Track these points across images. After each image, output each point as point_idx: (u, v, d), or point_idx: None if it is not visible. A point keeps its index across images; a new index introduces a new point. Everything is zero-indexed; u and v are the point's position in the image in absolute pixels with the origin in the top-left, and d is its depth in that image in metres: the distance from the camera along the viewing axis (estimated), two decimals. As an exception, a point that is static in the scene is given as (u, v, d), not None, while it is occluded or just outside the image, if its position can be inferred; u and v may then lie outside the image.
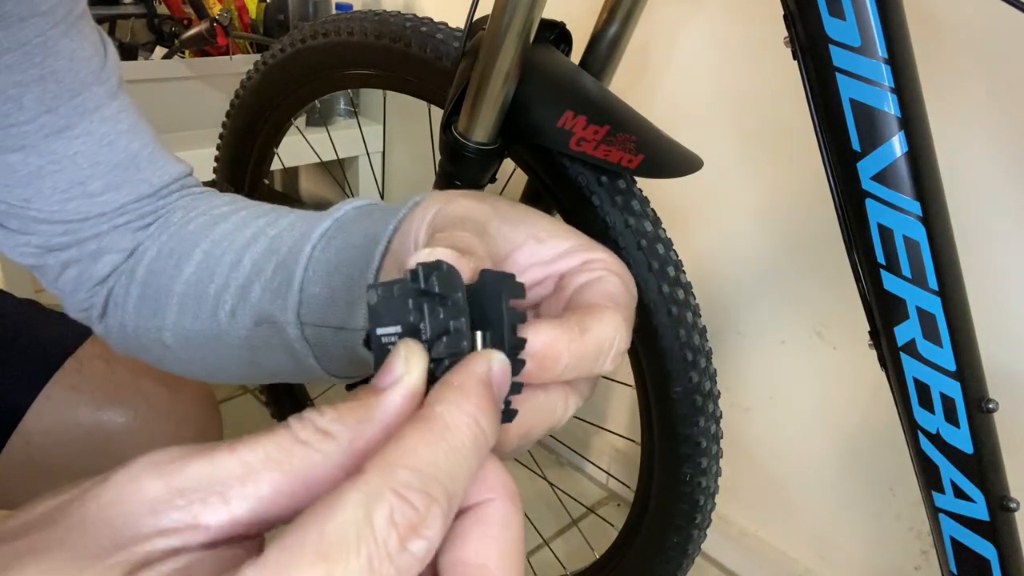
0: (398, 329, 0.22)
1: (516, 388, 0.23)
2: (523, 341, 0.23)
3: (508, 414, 0.23)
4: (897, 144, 0.49)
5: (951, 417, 0.54)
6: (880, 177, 0.50)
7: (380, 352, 0.22)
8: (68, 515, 0.18)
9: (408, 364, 0.21)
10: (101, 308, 0.47)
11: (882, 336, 0.55)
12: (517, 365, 0.23)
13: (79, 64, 0.44)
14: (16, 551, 0.18)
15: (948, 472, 0.55)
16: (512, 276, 0.23)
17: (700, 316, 0.75)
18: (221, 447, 0.19)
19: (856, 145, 0.50)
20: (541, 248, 0.30)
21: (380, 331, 0.22)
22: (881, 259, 0.52)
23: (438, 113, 0.75)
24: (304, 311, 0.38)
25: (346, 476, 0.18)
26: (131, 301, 0.46)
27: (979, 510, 0.55)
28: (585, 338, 0.25)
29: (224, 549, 0.19)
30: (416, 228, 0.31)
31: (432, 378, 0.21)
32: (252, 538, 0.19)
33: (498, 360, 0.22)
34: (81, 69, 0.44)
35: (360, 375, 0.41)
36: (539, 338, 0.24)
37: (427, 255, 0.24)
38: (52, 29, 0.42)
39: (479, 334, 0.22)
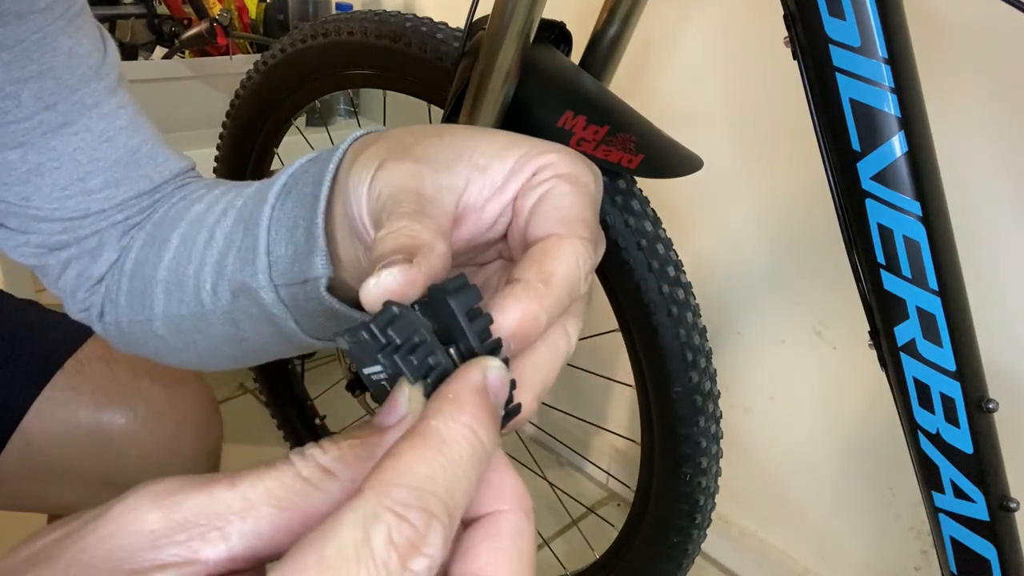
0: (381, 368, 0.22)
1: (511, 384, 0.23)
2: (498, 342, 0.23)
3: (510, 413, 0.23)
4: (897, 144, 0.49)
5: (951, 417, 0.54)
6: (880, 177, 0.50)
7: (375, 387, 0.22)
8: (68, 548, 0.18)
9: (411, 403, 0.21)
10: (100, 307, 0.47)
11: (882, 336, 0.55)
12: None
13: (77, 60, 0.44)
14: None
15: (948, 472, 0.55)
16: (461, 283, 0.22)
17: (700, 316, 0.75)
18: (221, 480, 0.19)
19: (856, 145, 0.50)
20: (487, 177, 0.28)
21: (367, 371, 0.22)
22: (881, 259, 0.52)
23: (438, 113, 0.75)
24: (275, 274, 0.37)
25: None
26: (122, 295, 0.46)
27: (979, 510, 0.55)
28: (551, 286, 0.24)
29: None
30: (356, 189, 0.29)
31: None
32: (250, 572, 0.19)
33: (494, 367, 0.21)
34: (79, 65, 0.44)
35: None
36: (509, 321, 0.23)
37: (375, 288, 0.23)
38: (50, 26, 0.42)
39: (452, 351, 0.22)
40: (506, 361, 0.23)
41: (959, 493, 0.56)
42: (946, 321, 0.52)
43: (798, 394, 1.08)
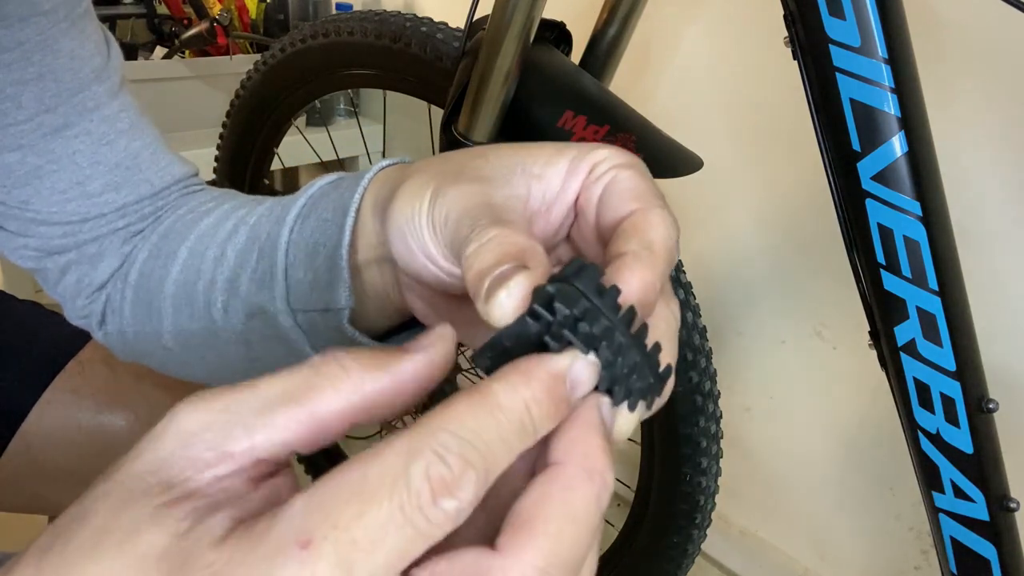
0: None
1: (656, 348, 0.22)
2: (631, 311, 0.22)
3: (663, 376, 0.22)
4: (897, 144, 0.49)
5: (951, 417, 0.54)
6: (880, 177, 0.50)
7: None
8: (129, 456, 0.21)
9: (437, 338, 0.22)
10: (100, 315, 0.47)
11: (882, 336, 0.55)
12: (642, 333, 0.22)
13: (79, 63, 0.43)
14: (90, 502, 0.20)
15: (948, 472, 0.55)
16: (578, 264, 0.22)
17: (700, 316, 0.75)
18: (246, 383, 0.21)
19: (856, 145, 0.50)
20: (544, 183, 0.28)
21: None
22: (881, 259, 0.52)
23: (438, 113, 0.75)
24: (293, 298, 0.37)
25: (353, 412, 0.21)
26: (127, 305, 0.45)
27: (979, 510, 0.55)
28: (655, 252, 0.24)
29: (264, 486, 0.21)
30: (411, 222, 0.29)
31: (627, 393, 0.22)
32: (277, 473, 0.21)
33: (582, 360, 0.21)
34: (81, 68, 0.44)
35: None
36: (632, 289, 0.23)
37: (507, 299, 0.22)
38: (53, 28, 0.42)
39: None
40: (645, 327, 0.22)
41: (959, 493, 0.56)
42: (946, 321, 0.52)
43: (798, 394, 1.08)
